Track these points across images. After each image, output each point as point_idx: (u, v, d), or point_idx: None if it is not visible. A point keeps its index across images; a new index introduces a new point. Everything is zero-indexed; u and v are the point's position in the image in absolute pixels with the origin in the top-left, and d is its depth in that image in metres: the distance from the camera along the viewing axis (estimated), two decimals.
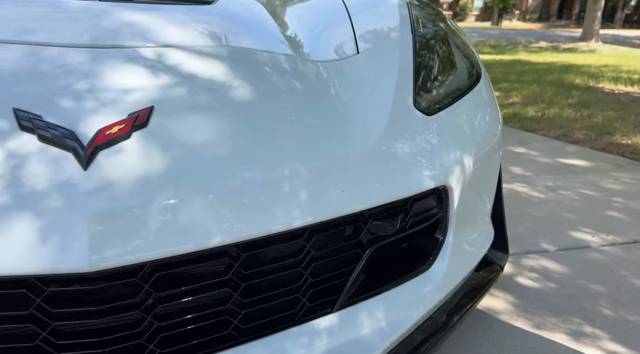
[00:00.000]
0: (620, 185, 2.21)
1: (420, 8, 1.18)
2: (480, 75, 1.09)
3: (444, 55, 1.05)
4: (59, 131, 0.59)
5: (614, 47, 11.06)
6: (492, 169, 1.04)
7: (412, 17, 1.09)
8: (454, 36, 1.18)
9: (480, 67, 1.13)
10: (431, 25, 1.13)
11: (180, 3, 0.95)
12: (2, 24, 0.75)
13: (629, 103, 3.99)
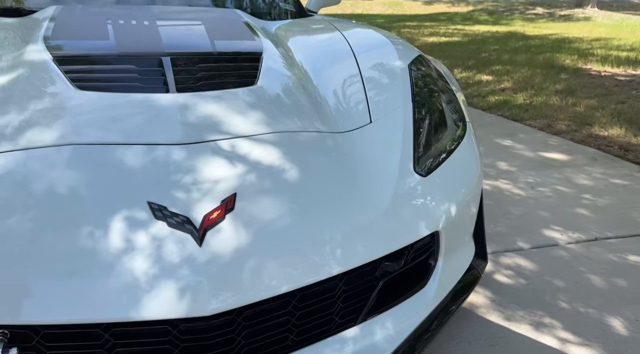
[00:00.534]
0: (592, 181, 2.52)
1: (417, 69, 1.44)
2: (466, 128, 1.37)
3: (437, 118, 1.32)
4: (180, 218, 0.87)
5: (609, 14, 11.12)
6: (474, 205, 1.34)
7: (412, 83, 1.36)
8: (446, 92, 1.45)
9: (466, 119, 1.41)
10: (427, 89, 1.40)
11: (233, 85, 1.20)
12: (110, 126, 1.01)
13: (612, 88, 4.24)
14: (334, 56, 1.51)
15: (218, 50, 1.36)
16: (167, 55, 1.27)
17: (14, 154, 0.93)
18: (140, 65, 1.22)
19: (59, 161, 0.93)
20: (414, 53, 1.57)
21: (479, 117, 3.64)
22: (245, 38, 1.50)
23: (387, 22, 10.28)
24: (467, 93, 4.26)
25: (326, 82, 1.34)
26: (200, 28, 1.51)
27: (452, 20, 10.80)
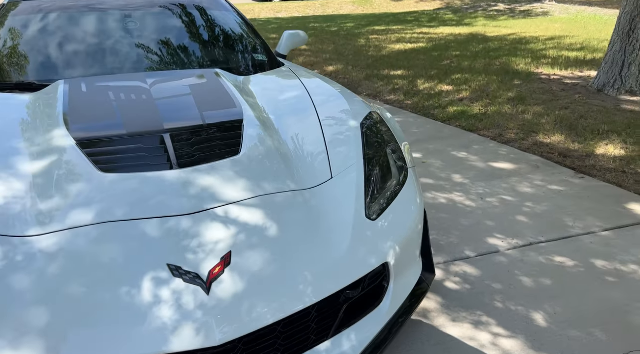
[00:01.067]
0: (533, 188, 2.91)
1: (368, 127, 1.79)
2: (408, 174, 1.72)
3: (384, 169, 1.67)
4: (192, 275, 1.20)
5: (566, 8, 11.67)
6: (418, 234, 1.69)
7: (364, 140, 1.71)
8: (391, 143, 1.80)
9: (408, 166, 1.76)
10: (375, 143, 1.75)
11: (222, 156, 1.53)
12: (133, 204, 1.33)
13: (559, 93, 4.67)
14: (302, 117, 1.85)
15: (207, 122, 1.69)
16: (167, 131, 1.60)
17: (64, 233, 1.25)
18: (147, 144, 1.54)
19: (98, 237, 1.25)
20: (366, 110, 1.92)
21: (439, 130, 4.02)
22: (228, 105, 1.82)
23: (356, 27, 10.63)
24: (429, 105, 4.64)
25: (296, 142, 1.68)
26: (190, 100, 1.83)
27: (419, 22, 11.21)
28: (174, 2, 2.65)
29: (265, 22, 13.61)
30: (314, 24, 11.96)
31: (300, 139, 1.72)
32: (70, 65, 2.16)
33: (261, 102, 1.96)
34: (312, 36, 9.35)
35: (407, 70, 5.98)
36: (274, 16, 17.60)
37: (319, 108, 1.90)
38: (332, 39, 8.76)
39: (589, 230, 2.43)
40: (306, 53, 7.52)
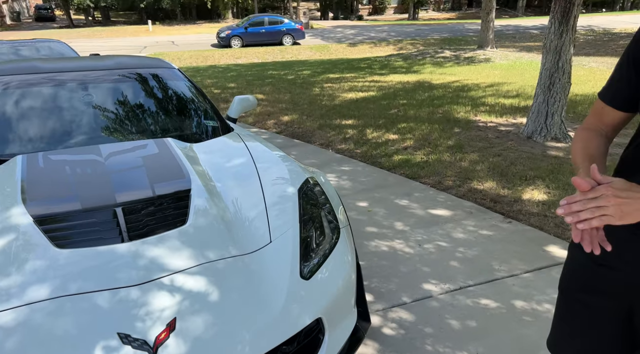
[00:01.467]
0: (466, 234, 3.19)
1: (305, 193, 2.01)
2: (340, 234, 1.94)
3: (318, 231, 1.89)
4: (140, 341, 1.35)
5: (506, 54, 12.62)
6: (352, 286, 1.89)
7: (300, 205, 1.93)
8: (326, 205, 2.03)
9: (340, 226, 1.99)
10: (311, 207, 1.97)
11: (170, 227, 1.71)
12: (86, 278, 1.48)
13: (494, 140, 5.10)
14: (246, 183, 2.06)
15: (157, 194, 1.87)
16: (119, 205, 1.77)
17: (22, 308, 1.38)
18: (100, 218, 1.71)
19: (53, 310, 1.39)
20: (303, 176, 2.15)
21: (384, 178, 4.31)
22: (177, 176, 2.01)
23: (312, 75, 11.10)
24: (376, 153, 4.95)
25: (239, 208, 1.88)
26: (142, 172, 2.01)
27: (371, 69, 11.82)
28: (128, 73, 2.85)
29: (224, 69, 13.98)
30: (272, 72, 12.40)
31: (243, 205, 1.92)
32: (28, 140, 2.31)
33: (208, 170, 2.16)
34: (270, 85, 9.72)
35: (358, 119, 6.34)
36: (234, 62, 18.06)
37: (261, 174, 2.12)
38: (288, 88, 9.14)
39: (512, 272, 2.71)
40: (263, 103, 7.82)
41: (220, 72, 13.01)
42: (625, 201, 0.85)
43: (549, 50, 4.73)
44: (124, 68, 2.87)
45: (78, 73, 2.72)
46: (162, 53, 20.06)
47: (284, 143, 5.65)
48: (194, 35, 27.23)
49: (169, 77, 2.96)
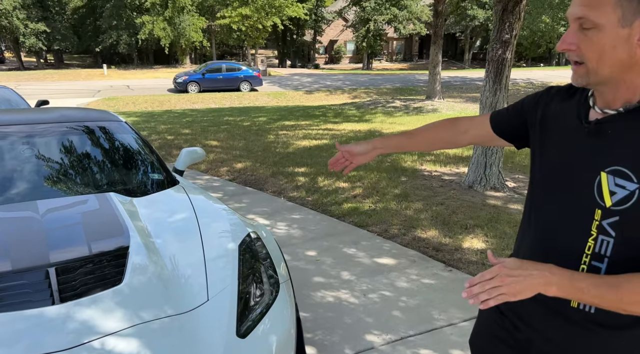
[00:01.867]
0: (409, 282, 3.29)
1: (245, 249, 2.06)
2: (279, 289, 1.99)
3: (257, 286, 1.93)
4: None
5: (452, 105, 13.35)
6: (291, 341, 1.92)
7: (240, 259, 1.97)
8: (267, 259, 2.08)
9: (280, 281, 2.03)
10: (251, 263, 2.01)
11: (104, 286, 1.70)
12: (12, 344, 1.44)
13: (438, 189, 5.34)
14: (186, 240, 2.08)
15: (93, 252, 1.86)
16: (52, 265, 1.75)
17: None
18: (31, 279, 1.68)
19: None
20: (244, 231, 2.20)
21: (334, 226, 4.40)
22: (116, 233, 2.01)
23: (267, 122, 11.30)
24: (326, 201, 5.06)
25: (177, 265, 1.89)
26: (79, 229, 2.00)
27: (325, 117, 12.17)
28: (71, 126, 2.86)
29: (180, 115, 13.99)
30: (228, 118, 12.52)
31: (182, 262, 1.94)
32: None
33: (149, 225, 2.17)
34: (225, 131, 9.80)
35: (310, 167, 6.48)
36: (190, 107, 18.13)
37: (202, 229, 2.15)
38: (243, 135, 9.25)
39: (451, 321, 2.80)
40: (217, 150, 7.87)
41: (176, 118, 13.01)
42: (516, 279, 0.94)
43: (485, 106, 5.09)
44: (68, 121, 2.87)
45: (19, 126, 2.70)
46: (116, 97, 19.89)
47: (236, 191, 5.68)
48: (150, 79, 27.22)
49: (114, 130, 2.99)
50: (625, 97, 0.96)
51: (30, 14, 31.21)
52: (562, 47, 0.95)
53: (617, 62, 0.91)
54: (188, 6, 30.88)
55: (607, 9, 0.88)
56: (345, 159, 1.49)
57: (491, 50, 4.97)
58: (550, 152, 1.10)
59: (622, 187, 0.93)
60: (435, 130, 1.40)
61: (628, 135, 0.94)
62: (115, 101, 19.14)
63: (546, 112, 1.13)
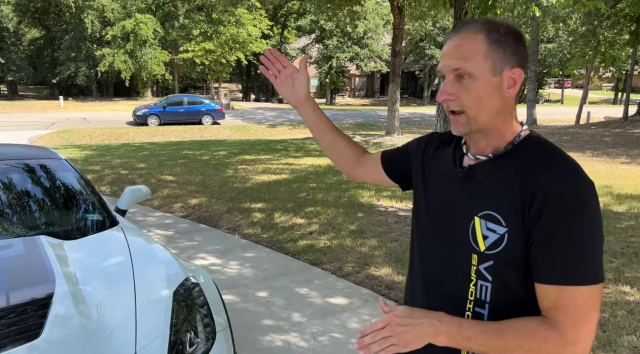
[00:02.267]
0: (360, 323, 3.23)
1: (181, 296, 1.96)
2: (216, 338, 1.89)
3: (191, 336, 1.83)
4: None
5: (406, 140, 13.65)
6: None
7: (174, 307, 1.87)
8: (203, 307, 1.98)
9: (216, 330, 1.94)
10: (186, 310, 1.92)
11: (19, 342, 1.57)
12: None
13: (393, 225, 5.36)
14: (118, 286, 1.97)
15: (12, 303, 1.73)
16: None
17: None
18: None
19: None
20: (181, 276, 2.11)
21: (287, 265, 4.31)
22: (41, 281, 1.88)
23: (227, 156, 11.20)
24: (282, 238, 4.99)
25: (105, 316, 1.77)
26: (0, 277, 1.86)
27: (287, 151, 12.19)
28: (6, 164, 2.72)
29: (137, 148, 13.70)
30: (187, 152, 12.34)
31: (110, 312, 1.82)
32: None
33: (79, 271, 2.04)
34: (182, 166, 9.63)
35: (267, 202, 6.41)
36: (149, 140, 17.80)
37: (137, 275, 2.04)
38: (201, 169, 9.11)
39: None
40: (172, 185, 7.69)
41: (133, 151, 12.72)
42: (406, 329, 0.92)
43: None
44: (2, 159, 2.73)
45: None
46: (71, 130, 19.37)
47: (188, 228, 5.52)
48: (109, 112, 26.70)
49: (52, 168, 2.86)
50: (494, 144, 1.00)
51: None
52: (442, 98, 0.98)
53: (493, 109, 0.96)
54: (150, 40, 30.80)
55: (479, 59, 0.94)
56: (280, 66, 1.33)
57: None
58: (431, 197, 1.12)
59: (493, 231, 0.95)
60: (350, 142, 1.36)
61: (496, 180, 0.98)
62: (70, 133, 18.59)
63: (428, 156, 1.17)
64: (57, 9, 32.23)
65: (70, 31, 32.03)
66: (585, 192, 0.89)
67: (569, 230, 0.88)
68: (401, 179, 1.27)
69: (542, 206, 0.89)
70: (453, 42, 0.98)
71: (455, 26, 1.02)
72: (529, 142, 0.99)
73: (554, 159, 0.94)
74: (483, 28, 0.97)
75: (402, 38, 13.95)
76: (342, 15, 15.79)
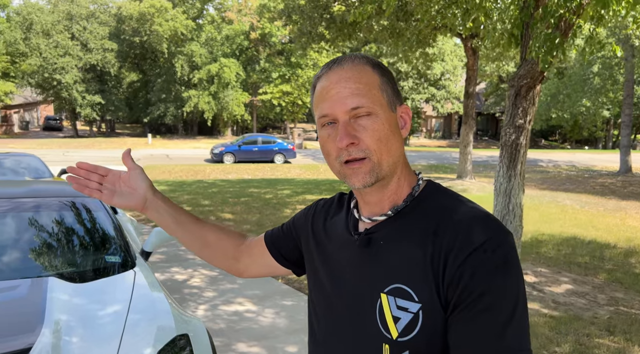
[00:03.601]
0: None
1: None
2: None
3: None
4: None
5: (484, 186, 12.92)
6: None
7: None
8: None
9: None
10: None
11: None
12: None
13: None
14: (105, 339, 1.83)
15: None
16: None
17: None
18: None
19: None
20: (173, 333, 1.93)
21: None
22: (25, 329, 1.80)
23: (290, 195, 11.23)
24: None
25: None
26: None
27: None
28: (37, 201, 2.76)
29: (209, 185, 14.19)
30: (253, 189, 12.56)
31: None
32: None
33: (72, 319, 1.94)
34: (243, 204, 9.75)
35: None
36: (223, 177, 18.45)
37: (127, 328, 1.90)
38: (260, 208, 9.15)
39: None
40: (228, 223, 7.75)
41: (204, 188, 13.19)
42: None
43: (499, 193, 4.76)
44: (34, 196, 2.79)
45: None
46: (153, 166, 20.66)
47: None
48: (190, 149, 28.31)
49: (83, 207, 2.87)
50: (392, 198, 0.85)
51: (89, 87, 33.85)
52: (345, 142, 0.79)
53: (396, 150, 0.82)
54: (232, 82, 32.67)
55: (376, 93, 0.81)
56: (100, 178, 1.02)
57: (504, 135, 4.72)
58: (326, 274, 0.90)
59: (405, 310, 0.77)
60: (220, 230, 1.10)
61: (400, 244, 0.81)
62: (151, 169, 19.82)
63: (317, 227, 0.98)
64: (153, 55, 35.38)
65: (163, 75, 34.91)
66: (505, 244, 0.75)
67: (493, 293, 0.72)
68: (291, 261, 1.05)
69: (461, 268, 0.73)
70: (339, 77, 0.81)
71: (331, 62, 0.85)
72: (430, 193, 0.86)
73: (464, 212, 0.79)
74: (366, 61, 0.84)
75: (476, 79, 13.47)
76: (413, 57, 15.67)
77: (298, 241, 1.03)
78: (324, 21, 12.23)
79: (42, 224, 2.65)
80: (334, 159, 0.82)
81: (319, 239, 0.97)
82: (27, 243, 2.53)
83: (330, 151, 0.82)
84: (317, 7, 12.02)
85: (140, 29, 32.52)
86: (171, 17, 32.70)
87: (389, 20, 11.20)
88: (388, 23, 11.47)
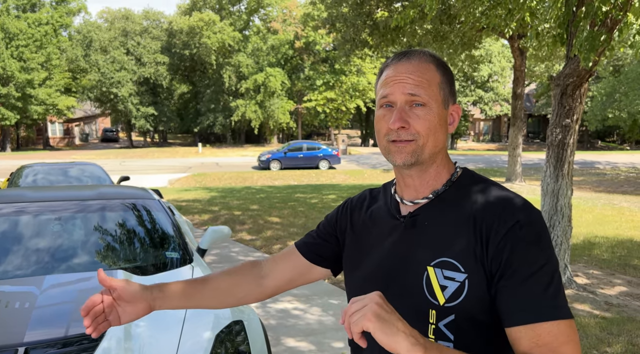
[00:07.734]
0: None
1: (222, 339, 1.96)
2: None
3: None
4: None
5: (534, 189, 12.54)
6: None
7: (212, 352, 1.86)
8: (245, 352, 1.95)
9: None
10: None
11: None
12: None
13: None
14: (167, 325, 2.03)
15: (70, 333, 1.87)
16: (24, 345, 1.77)
17: None
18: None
19: None
20: (228, 319, 2.10)
21: None
22: None
23: (335, 200, 11.37)
24: None
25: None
26: (69, 308, 2.04)
27: None
28: (103, 204, 3.04)
29: (257, 191, 14.58)
30: (299, 195, 12.80)
31: (152, 351, 1.88)
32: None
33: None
34: (290, 208, 9.98)
35: None
36: (270, 184, 18.87)
37: (187, 317, 2.09)
38: (306, 212, 9.34)
39: None
40: (276, 226, 7.97)
41: (252, 194, 13.57)
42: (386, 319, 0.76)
43: (547, 193, 4.69)
44: (101, 198, 3.07)
45: (53, 203, 2.93)
46: (204, 173, 21.37)
47: None
48: (239, 157, 29.09)
49: (144, 208, 3.13)
50: (431, 183, 0.96)
51: (143, 99, 35.56)
52: (397, 125, 0.91)
53: (440, 142, 0.93)
54: (278, 91, 33.34)
55: (435, 90, 0.92)
56: (106, 305, 1.01)
57: (550, 134, 4.66)
58: (372, 260, 0.99)
59: (452, 280, 0.87)
60: (232, 275, 1.13)
61: (444, 223, 0.91)
62: (202, 176, 20.55)
63: (355, 220, 1.07)
64: (202, 67, 36.72)
65: (211, 85, 36.13)
66: (538, 222, 0.87)
67: (533, 263, 0.83)
68: (330, 262, 1.11)
69: (501, 243, 0.84)
70: (405, 69, 0.92)
71: (401, 54, 0.96)
72: (466, 179, 0.96)
73: (497, 196, 0.91)
74: (433, 59, 0.95)
75: (524, 80, 13.15)
76: (459, 60, 15.47)
77: (340, 235, 1.09)
78: (367, 28, 12.34)
79: (110, 223, 2.92)
80: (383, 136, 0.94)
81: (361, 230, 1.04)
82: (95, 241, 2.80)
83: (381, 129, 0.94)
84: (361, 14, 12.15)
85: (190, 42, 33.88)
86: (219, 29, 33.88)
87: (432, 24, 11.18)
88: (431, 27, 11.44)
